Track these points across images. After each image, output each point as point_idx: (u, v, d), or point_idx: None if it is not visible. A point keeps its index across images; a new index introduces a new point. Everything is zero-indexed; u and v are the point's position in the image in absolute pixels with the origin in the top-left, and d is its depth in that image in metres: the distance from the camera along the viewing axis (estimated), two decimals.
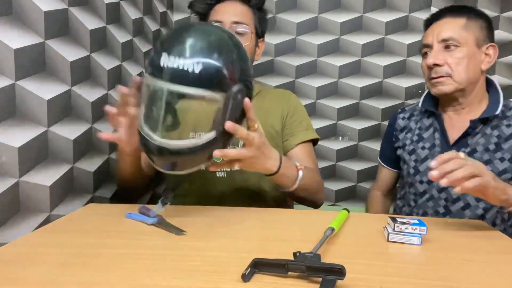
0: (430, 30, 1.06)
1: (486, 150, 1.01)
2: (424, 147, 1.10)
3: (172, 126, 0.75)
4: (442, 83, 1.02)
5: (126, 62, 1.24)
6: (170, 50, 0.69)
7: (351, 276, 0.53)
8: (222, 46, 0.72)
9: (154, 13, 1.48)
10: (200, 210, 0.94)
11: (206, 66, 0.69)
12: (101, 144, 1.09)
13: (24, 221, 0.79)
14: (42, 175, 0.84)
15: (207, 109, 0.73)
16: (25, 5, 0.78)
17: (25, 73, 0.78)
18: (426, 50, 1.06)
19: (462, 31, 1.01)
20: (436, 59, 1.01)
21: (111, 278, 0.54)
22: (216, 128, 0.74)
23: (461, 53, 1.00)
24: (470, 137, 1.03)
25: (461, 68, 1.00)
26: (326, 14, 1.65)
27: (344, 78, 1.67)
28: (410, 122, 1.17)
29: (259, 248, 0.67)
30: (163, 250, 0.65)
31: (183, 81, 0.68)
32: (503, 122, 1.02)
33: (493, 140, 1.01)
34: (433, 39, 1.03)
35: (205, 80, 0.69)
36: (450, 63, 1.00)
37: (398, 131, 1.19)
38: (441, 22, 1.04)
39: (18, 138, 0.77)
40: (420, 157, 1.10)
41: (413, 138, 1.14)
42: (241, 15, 1.07)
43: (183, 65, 0.68)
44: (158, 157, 0.75)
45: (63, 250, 0.64)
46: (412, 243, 0.69)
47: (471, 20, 1.02)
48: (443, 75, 1.01)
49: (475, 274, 0.58)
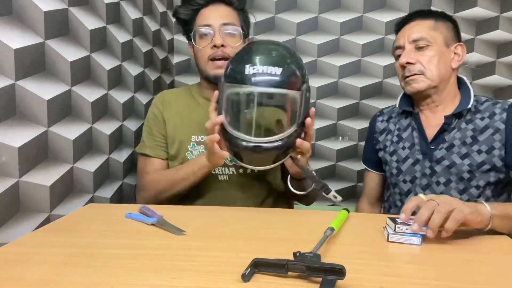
0: (401, 33, 1.11)
1: (463, 144, 1.05)
2: (404, 147, 1.14)
3: (263, 124, 0.88)
4: (416, 81, 1.06)
5: (126, 62, 1.24)
6: (252, 62, 0.85)
7: (351, 276, 0.53)
8: (290, 54, 0.90)
9: (154, 13, 1.48)
10: (200, 210, 0.94)
11: (285, 70, 0.85)
12: (101, 144, 1.09)
13: (24, 221, 0.79)
14: (42, 175, 0.84)
15: (287, 107, 0.87)
16: (25, 5, 0.78)
17: (25, 73, 0.78)
18: (399, 51, 1.10)
19: (431, 31, 1.06)
20: (409, 58, 1.05)
21: (111, 278, 0.54)
22: (294, 122, 0.87)
23: (432, 52, 1.05)
24: (447, 133, 1.07)
25: (433, 65, 1.04)
26: (326, 14, 1.65)
27: (344, 78, 1.67)
28: (389, 124, 1.21)
29: (259, 248, 0.67)
30: (163, 250, 0.65)
31: (269, 83, 0.83)
32: (476, 116, 1.06)
33: (468, 133, 1.05)
34: (404, 40, 1.08)
35: (286, 81, 0.84)
36: (422, 61, 1.05)
37: (378, 133, 1.23)
38: (411, 25, 1.09)
39: (18, 138, 0.77)
40: (401, 157, 1.14)
41: (393, 139, 1.18)
42: (228, 17, 1.08)
43: (267, 71, 0.83)
44: (252, 155, 0.86)
45: (63, 250, 0.64)
46: (412, 243, 0.69)
47: (439, 22, 1.08)
48: (416, 72, 1.05)
49: (475, 274, 0.58)
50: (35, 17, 0.81)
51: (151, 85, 1.47)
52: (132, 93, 1.29)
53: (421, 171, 1.10)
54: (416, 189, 1.11)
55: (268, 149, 0.85)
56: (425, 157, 1.09)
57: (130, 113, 1.28)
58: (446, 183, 1.06)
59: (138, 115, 1.34)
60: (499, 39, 1.58)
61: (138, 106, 1.35)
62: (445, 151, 1.06)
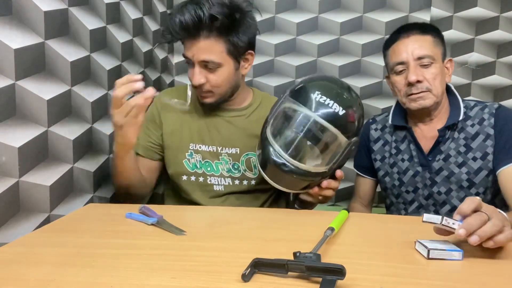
0: (401, 47, 1.07)
1: (458, 153, 1.06)
2: (404, 159, 1.15)
3: (301, 150, 0.88)
4: (423, 98, 1.05)
5: (126, 62, 1.24)
6: (323, 91, 0.86)
7: (351, 276, 0.53)
8: (359, 105, 0.90)
9: (154, 13, 1.48)
10: (200, 210, 0.95)
11: (348, 113, 0.86)
12: (101, 144, 1.09)
13: (24, 221, 0.79)
14: (42, 175, 0.84)
15: (330, 147, 0.88)
16: (25, 5, 0.78)
17: (25, 73, 0.78)
18: (401, 67, 1.07)
19: (433, 47, 1.06)
20: (418, 75, 1.04)
21: (111, 278, 0.54)
22: (328, 165, 0.89)
23: (436, 69, 1.05)
24: (442, 144, 1.08)
25: (437, 82, 1.05)
26: (326, 14, 1.65)
27: (344, 78, 1.67)
28: (385, 134, 1.21)
29: (259, 248, 0.67)
30: (163, 250, 0.65)
31: (328, 117, 0.84)
32: (467, 123, 1.07)
33: (461, 142, 1.06)
34: (408, 56, 1.05)
35: (343, 123, 0.85)
36: (428, 79, 1.04)
37: (372, 142, 1.23)
38: (411, 40, 1.07)
39: (18, 138, 0.77)
40: (402, 169, 1.15)
41: (391, 151, 1.18)
42: (207, 51, 0.97)
43: (332, 106, 0.84)
44: (277, 170, 0.88)
45: (63, 250, 0.64)
46: (453, 258, 0.62)
47: (436, 37, 1.08)
48: (424, 90, 1.04)
49: (476, 274, 0.58)
50: (35, 17, 0.81)
51: (151, 85, 1.46)
52: (132, 93, 1.29)
53: (422, 182, 1.11)
54: (419, 199, 1.13)
55: (294, 172, 0.87)
56: (424, 168, 1.11)
57: None
58: (447, 193, 1.08)
59: None
60: (499, 39, 1.58)
61: None
62: (443, 162, 1.08)
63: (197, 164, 1.10)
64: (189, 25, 0.94)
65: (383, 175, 1.21)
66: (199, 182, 1.10)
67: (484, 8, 1.58)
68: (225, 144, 1.10)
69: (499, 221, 0.63)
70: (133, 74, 0.86)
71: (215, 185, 1.10)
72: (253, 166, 1.11)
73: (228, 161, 1.10)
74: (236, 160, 1.10)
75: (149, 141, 1.12)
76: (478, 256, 0.63)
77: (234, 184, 1.10)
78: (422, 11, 1.61)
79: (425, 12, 1.61)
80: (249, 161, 1.10)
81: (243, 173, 1.10)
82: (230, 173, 1.10)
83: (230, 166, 1.10)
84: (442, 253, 0.62)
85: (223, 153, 1.10)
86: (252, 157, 1.10)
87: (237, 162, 1.10)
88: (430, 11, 1.61)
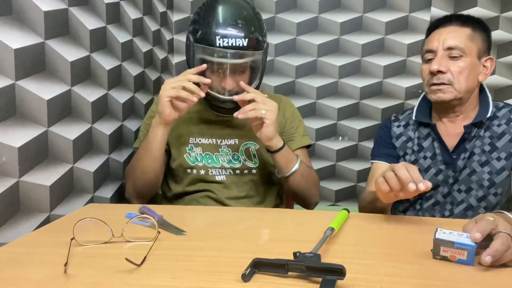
0: (435, 35, 1.06)
1: (483, 152, 1.04)
2: (426, 157, 1.11)
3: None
4: (443, 91, 1.03)
5: (126, 62, 1.24)
6: (221, 28, 1.01)
7: (351, 276, 0.53)
8: (255, 16, 1.07)
9: (154, 13, 1.48)
10: (200, 210, 0.95)
11: (251, 38, 1.02)
12: (101, 144, 1.09)
13: (24, 221, 0.79)
14: (42, 175, 0.84)
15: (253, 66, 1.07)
16: (25, 5, 0.78)
17: (25, 73, 0.78)
18: (430, 55, 1.06)
19: (468, 41, 1.02)
20: (441, 66, 1.01)
21: (111, 278, 0.54)
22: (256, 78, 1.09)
23: (464, 63, 1.01)
24: (467, 142, 1.06)
25: (462, 77, 1.01)
26: (326, 14, 1.65)
27: (344, 78, 1.67)
28: (408, 131, 1.17)
29: (259, 248, 0.67)
30: (163, 250, 0.65)
31: (238, 55, 1.01)
32: (494, 123, 1.05)
33: (486, 141, 1.04)
34: (438, 45, 1.03)
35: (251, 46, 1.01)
36: (453, 71, 1.01)
37: (395, 138, 1.18)
38: (447, 30, 1.04)
39: (18, 138, 0.77)
40: (423, 167, 1.11)
41: (413, 147, 1.14)
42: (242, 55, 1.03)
43: (236, 44, 1.00)
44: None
45: (63, 250, 0.64)
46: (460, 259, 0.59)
47: (476, 31, 1.04)
48: (445, 82, 1.02)
49: (477, 274, 0.58)
50: (35, 17, 0.81)
51: (151, 85, 1.47)
52: (132, 93, 1.29)
53: (444, 180, 1.08)
54: (437, 196, 1.09)
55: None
56: (448, 166, 1.07)
57: (130, 113, 1.28)
58: (467, 191, 1.06)
59: (138, 115, 1.34)
60: (499, 39, 1.58)
61: (138, 106, 1.35)
62: (467, 159, 1.05)
63: (198, 157, 1.11)
64: None
65: None
66: (200, 175, 1.10)
67: (484, 8, 1.58)
68: (224, 136, 1.12)
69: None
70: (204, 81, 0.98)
71: (216, 176, 1.10)
72: (252, 155, 1.12)
73: (228, 152, 1.12)
74: (235, 150, 1.12)
75: None
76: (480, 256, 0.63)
77: (235, 174, 1.11)
78: (422, 11, 1.61)
79: (425, 12, 1.61)
80: (248, 151, 1.12)
81: (243, 163, 1.12)
82: (230, 164, 1.11)
83: (230, 157, 1.12)
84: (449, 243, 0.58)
85: (222, 145, 1.12)
86: (251, 146, 1.12)
87: (237, 152, 1.12)
88: (430, 11, 1.61)
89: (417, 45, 1.63)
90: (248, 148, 1.13)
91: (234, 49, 0.99)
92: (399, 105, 1.66)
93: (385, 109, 1.67)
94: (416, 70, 1.64)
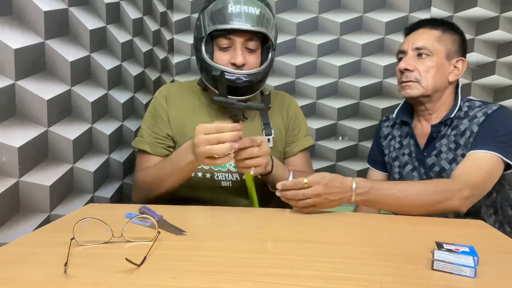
0: (408, 38, 1.14)
1: (449, 149, 1.08)
2: (404, 153, 1.20)
3: None
4: (410, 87, 1.09)
5: (126, 62, 1.24)
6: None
7: (351, 276, 0.53)
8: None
9: (154, 13, 1.48)
10: (200, 210, 0.94)
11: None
12: (101, 144, 1.09)
13: (24, 221, 0.79)
14: (42, 175, 0.84)
15: None
16: (25, 5, 0.78)
17: (25, 73, 0.78)
18: (401, 55, 1.14)
19: (435, 42, 1.09)
20: (408, 64, 1.09)
21: (111, 278, 0.54)
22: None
23: (431, 62, 1.08)
24: (437, 141, 1.11)
25: (429, 75, 1.08)
26: (326, 14, 1.65)
27: (344, 78, 1.67)
28: (393, 130, 1.26)
29: (259, 248, 0.67)
30: (163, 250, 0.65)
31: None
32: (462, 122, 1.08)
33: (451, 139, 1.09)
34: (408, 46, 1.11)
35: None
36: (419, 69, 1.08)
37: (382, 138, 1.29)
38: (419, 32, 1.12)
39: (18, 138, 0.77)
40: (402, 163, 1.20)
41: (395, 145, 1.24)
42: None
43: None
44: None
45: (63, 250, 0.64)
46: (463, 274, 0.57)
47: (446, 33, 1.10)
48: (412, 79, 1.09)
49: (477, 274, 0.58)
50: (35, 17, 0.81)
51: (151, 85, 1.47)
52: (132, 93, 1.29)
53: (418, 177, 1.15)
54: None
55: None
56: (420, 164, 1.14)
57: (130, 113, 1.28)
58: None
59: (138, 115, 1.34)
60: (499, 39, 1.58)
61: (138, 106, 1.35)
62: (435, 157, 1.10)
63: None
64: None
65: (389, 169, 1.26)
66: (206, 178, 1.09)
67: (484, 8, 1.58)
68: None
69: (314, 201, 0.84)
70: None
71: (222, 181, 1.09)
72: None
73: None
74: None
75: (155, 137, 1.10)
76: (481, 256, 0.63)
77: (242, 179, 1.09)
78: (422, 11, 1.61)
79: (425, 12, 1.61)
80: None
81: None
82: (236, 168, 1.10)
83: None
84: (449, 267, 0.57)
85: None
86: None
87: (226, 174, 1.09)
88: (430, 11, 1.61)
89: None
90: None
91: (246, 16, 0.98)
92: (399, 105, 1.65)
93: (385, 109, 1.67)
94: None
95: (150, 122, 1.10)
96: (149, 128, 1.10)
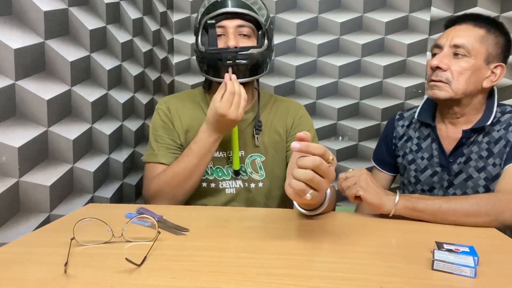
0: (447, 31, 1.04)
1: (480, 157, 1.01)
2: (423, 157, 1.11)
3: None
4: (439, 88, 1.00)
5: (126, 62, 1.24)
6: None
7: (351, 276, 0.53)
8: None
9: (154, 13, 1.48)
10: (201, 210, 0.94)
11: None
12: (101, 144, 1.09)
13: (24, 221, 0.79)
14: (42, 175, 0.84)
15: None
16: (25, 5, 0.78)
17: (25, 73, 0.78)
18: (436, 51, 1.04)
19: (477, 42, 0.98)
20: (441, 62, 0.99)
21: (111, 278, 0.54)
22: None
23: (467, 64, 0.98)
24: (465, 147, 1.03)
25: (462, 78, 0.98)
26: (326, 14, 1.65)
27: (344, 78, 1.67)
28: (409, 130, 1.17)
29: (259, 248, 0.67)
30: (163, 250, 0.65)
31: None
32: (494, 128, 1.01)
33: (484, 146, 1.01)
34: (446, 41, 1.01)
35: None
36: (453, 70, 0.98)
37: (397, 139, 1.19)
38: (460, 27, 1.02)
39: (18, 138, 0.77)
40: (420, 167, 1.11)
41: (412, 147, 1.14)
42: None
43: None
44: None
45: (63, 250, 0.64)
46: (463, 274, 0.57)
47: (490, 34, 1.00)
48: (442, 80, 0.99)
49: (478, 274, 0.58)
50: (35, 17, 0.81)
51: (151, 85, 1.47)
52: (132, 93, 1.29)
53: (439, 183, 1.07)
54: None
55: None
56: (443, 169, 1.06)
57: (130, 113, 1.28)
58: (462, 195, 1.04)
59: (138, 115, 1.34)
60: None
61: (138, 106, 1.35)
62: (463, 164, 1.03)
63: (208, 170, 1.08)
64: None
65: (402, 171, 1.18)
66: (211, 188, 1.09)
67: (484, 8, 1.58)
68: (231, 148, 1.08)
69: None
70: None
71: (227, 189, 1.09)
72: (258, 167, 1.11)
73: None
74: (242, 162, 1.09)
75: (168, 148, 1.07)
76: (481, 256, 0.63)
77: (245, 187, 1.10)
78: (422, 11, 1.61)
79: (425, 12, 1.61)
80: (254, 163, 1.10)
81: (249, 176, 1.10)
82: (241, 176, 1.10)
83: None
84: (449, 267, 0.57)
85: (230, 157, 1.09)
86: (256, 158, 1.10)
87: (243, 164, 1.10)
88: (430, 11, 1.61)
89: (417, 45, 1.63)
90: (254, 160, 1.10)
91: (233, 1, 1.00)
92: (399, 105, 1.66)
93: (385, 109, 1.67)
94: (416, 70, 1.64)
95: (157, 135, 1.08)
96: (157, 140, 1.08)
